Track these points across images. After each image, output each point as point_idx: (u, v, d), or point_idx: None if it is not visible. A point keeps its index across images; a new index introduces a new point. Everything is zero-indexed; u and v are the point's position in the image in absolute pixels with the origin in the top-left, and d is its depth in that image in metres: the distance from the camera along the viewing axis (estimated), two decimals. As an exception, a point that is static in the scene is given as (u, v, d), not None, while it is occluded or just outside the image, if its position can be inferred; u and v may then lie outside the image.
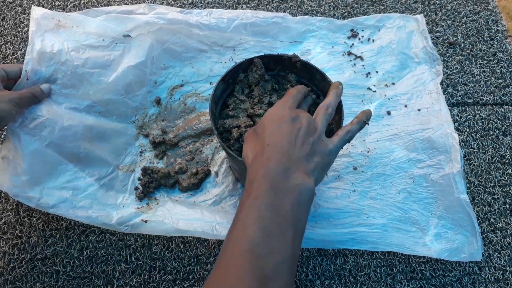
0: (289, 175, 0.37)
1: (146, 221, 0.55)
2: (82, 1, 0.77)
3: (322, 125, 0.43)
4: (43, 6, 0.76)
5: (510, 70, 0.70)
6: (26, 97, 0.53)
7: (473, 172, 0.62)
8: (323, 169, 0.41)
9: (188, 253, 0.56)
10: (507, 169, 0.62)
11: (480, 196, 0.60)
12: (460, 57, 0.72)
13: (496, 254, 0.56)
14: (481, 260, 0.54)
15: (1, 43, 0.72)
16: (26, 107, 0.54)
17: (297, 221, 0.36)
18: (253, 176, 0.37)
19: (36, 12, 0.60)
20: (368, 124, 0.46)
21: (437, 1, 0.78)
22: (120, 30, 0.64)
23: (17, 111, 0.52)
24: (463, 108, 0.67)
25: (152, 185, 0.59)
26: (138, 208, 0.57)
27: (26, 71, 0.57)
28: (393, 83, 0.68)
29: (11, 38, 0.73)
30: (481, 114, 0.66)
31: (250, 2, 0.77)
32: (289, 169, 0.37)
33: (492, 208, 0.59)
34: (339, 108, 0.49)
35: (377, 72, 0.69)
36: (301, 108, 0.46)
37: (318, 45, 0.71)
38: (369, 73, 0.69)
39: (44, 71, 0.58)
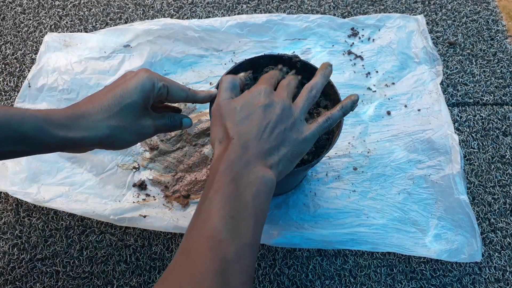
0: (250, 168, 0.37)
1: (145, 216, 0.55)
2: (82, 1, 0.77)
3: (300, 110, 0.42)
4: (42, 6, 0.76)
5: (510, 70, 0.70)
6: (161, 130, 0.47)
7: (473, 172, 0.61)
8: (291, 159, 0.40)
9: (188, 253, 0.56)
10: (507, 169, 0.62)
11: (480, 196, 0.60)
12: (460, 57, 0.72)
13: (496, 254, 0.56)
14: (481, 260, 0.54)
15: (0, 43, 0.72)
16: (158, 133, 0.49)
17: (258, 211, 0.37)
18: (214, 170, 0.38)
19: (47, 36, 0.69)
20: (352, 110, 0.45)
21: (437, 1, 0.78)
22: (120, 42, 0.69)
23: (141, 141, 0.47)
24: (463, 108, 0.67)
25: (151, 182, 0.59)
26: (135, 202, 0.57)
27: (28, 79, 0.64)
28: (393, 83, 0.68)
29: (10, 38, 0.73)
30: (481, 114, 0.66)
31: (250, 2, 0.77)
32: (250, 162, 0.38)
33: (492, 208, 0.59)
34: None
35: (377, 72, 0.69)
36: (283, 89, 0.44)
37: (318, 43, 0.71)
38: (369, 73, 0.69)
39: (46, 79, 0.64)
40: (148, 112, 0.45)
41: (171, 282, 0.33)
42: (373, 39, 0.72)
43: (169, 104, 0.52)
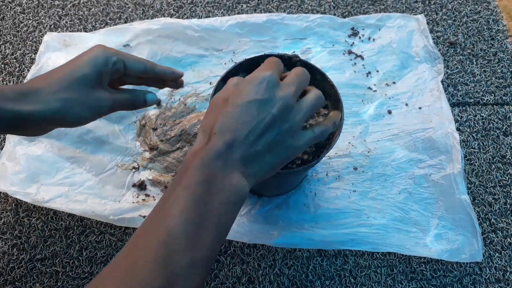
0: (226, 173, 0.34)
1: (144, 217, 0.55)
2: (82, 1, 0.77)
3: (302, 117, 0.37)
4: (42, 6, 0.76)
5: (510, 70, 0.70)
6: (121, 104, 0.45)
7: (474, 172, 0.61)
8: (275, 167, 0.37)
9: (188, 253, 0.55)
10: (508, 169, 0.61)
11: (481, 196, 0.60)
12: (461, 56, 0.71)
13: (497, 254, 0.56)
14: (482, 260, 0.54)
15: (0, 43, 0.72)
16: (118, 111, 0.47)
17: (222, 222, 0.34)
18: (188, 163, 0.34)
19: (47, 36, 0.69)
20: (335, 129, 0.44)
21: (438, 1, 0.78)
22: (120, 41, 0.69)
23: (99, 117, 0.44)
24: (464, 108, 0.67)
25: (151, 182, 0.59)
26: (135, 203, 0.57)
27: (27, 79, 0.64)
28: (394, 82, 0.68)
29: (10, 37, 0.73)
30: (481, 114, 0.66)
31: (250, 1, 0.77)
32: (228, 166, 0.34)
33: (493, 208, 0.59)
34: (339, 109, 0.49)
35: (377, 71, 0.69)
36: (292, 83, 0.38)
37: (318, 43, 0.71)
38: (369, 72, 0.69)
39: None
40: (104, 87, 0.43)
41: (108, 284, 0.30)
42: (374, 39, 0.72)
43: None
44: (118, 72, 0.44)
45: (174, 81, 0.50)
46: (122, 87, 0.51)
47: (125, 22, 0.74)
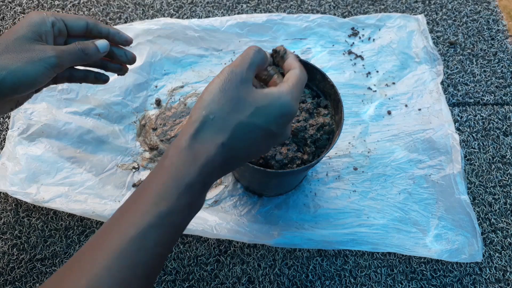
0: (205, 191, 0.34)
1: None
2: (82, 1, 0.77)
3: (289, 127, 0.39)
4: (42, 6, 0.76)
5: (510, 70, 0.70)
6: (70, 54, 0.42)
7: (474, 172, 0.61)
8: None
9: (187, 253, 0.55)
10: (508, 169, 0.61)
11: (481, 196, 0.60)
12: (461, 56, 0.71)
13: (497, 254, 0.56)
14: (482, 260, 0.54)
15: (0, 43, 0.72)
16: (70, 65, 0.43)
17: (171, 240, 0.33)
18: (177, 154, 0.33)
19: None
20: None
21: (438, 1, 0.78)
22: None
23: (53, 74, 0.41)
24: (464, 108, 0.67)
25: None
26: None
27: None
28: (393, 83, 0.68)
29: (10, 37, 0.73)
30: (481, 114, 0.66)
31: (250, 1, 0.77)
32: (207, 187, 0.34)
33: (493, 208, 0.59)
34: (339, 109, 0.49)
35: (377, 71, 0.69)
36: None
37: (318, 43, 0.71)
38: (369, 72, 0.69)
39: None
40: (48, 44, 0.42)
41: None
42: (374, 39, 0.72)
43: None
44: (61, 34, 0.43)
45: (121, 43, 0.48)
46: None
47: (125, 22, 0.74)
